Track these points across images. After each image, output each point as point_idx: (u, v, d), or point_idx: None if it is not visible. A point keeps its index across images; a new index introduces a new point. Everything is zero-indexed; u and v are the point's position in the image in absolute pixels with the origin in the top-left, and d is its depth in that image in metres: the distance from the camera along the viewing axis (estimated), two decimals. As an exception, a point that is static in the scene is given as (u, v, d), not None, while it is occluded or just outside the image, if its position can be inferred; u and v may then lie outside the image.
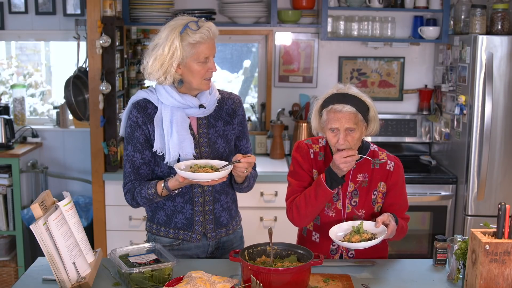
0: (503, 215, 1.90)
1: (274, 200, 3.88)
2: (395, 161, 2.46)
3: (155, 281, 2.10)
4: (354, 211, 2.42)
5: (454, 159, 4.03)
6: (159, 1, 4.13)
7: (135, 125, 2.33)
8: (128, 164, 2.37)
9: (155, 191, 2.29)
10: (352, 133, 2.32)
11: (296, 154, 2.51)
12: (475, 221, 3.81)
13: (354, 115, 2.31)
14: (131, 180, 2.38)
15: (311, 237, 2.49)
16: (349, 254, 2.46)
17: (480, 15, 3.86)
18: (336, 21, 4.29)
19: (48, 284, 2.17)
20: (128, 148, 2.36)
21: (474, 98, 3.73)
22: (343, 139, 2.31)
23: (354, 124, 2.31)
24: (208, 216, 2.41)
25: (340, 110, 2.30)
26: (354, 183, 2.42)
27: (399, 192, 2.46)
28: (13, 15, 4.34)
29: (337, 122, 2.31)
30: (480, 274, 1.89)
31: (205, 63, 2.27)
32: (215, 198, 2.41)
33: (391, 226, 2.28)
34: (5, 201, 4.09)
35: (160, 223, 2.43)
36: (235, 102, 2.45)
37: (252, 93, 4.80)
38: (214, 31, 2.28)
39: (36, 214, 2.01)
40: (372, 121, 2.38)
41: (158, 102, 2.32)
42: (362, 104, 2.34)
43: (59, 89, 4.50)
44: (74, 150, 4.47)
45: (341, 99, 2.32)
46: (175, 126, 2.29)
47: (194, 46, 2.23)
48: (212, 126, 2.39)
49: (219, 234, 2.45)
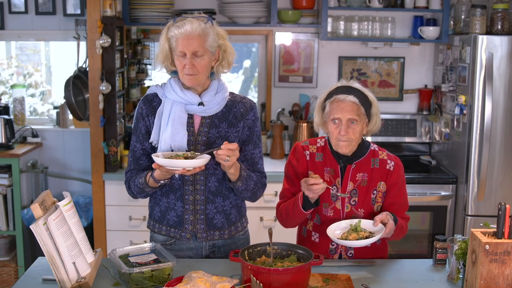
0: (503, 215, 1.90)
1: (274, 200, 3.88)
2: (395, 161, 2.46)
3: (155, 281, 2.10)
4: (354, 210, 2.42)
5: (454, 159, 4.03)
6: (159, 1, 4.13)
7: (140, 117, 2.40)
8: (131, 154, 2.44)
9: (144, 180, 2.32)
10: (354, 125, 2.32)
11: (291, 156, 2.52)
12: (475, 221, 3.81)
13: (357, 106, 2.32)
14: (130, 170, 2.43)
15: (311, 237, 2.49)
16: (348, 254, 2.46)
17: (480, 15, 3.87)
18: (336, 21, 4.29)
19: (48, 284, 2.17)
20: (133, 138, 2.43)
21: (474, 98, 3.73)
22: (344, 130, 2.31)
23: (356, 115, 2.32)
24: (199, 215, 2.38)
25: (343, 100, 2.32)
26: (353, 183, 2.42)
27: (399, 191, 2.45)
28: (13, 15, 4.34)
29: (340, 112, 2.31)
30: (480, 274, 1.89)
31: (182, 58, 2.26)
32: (208, 198, 2.38)
33: (389, 225, 2.27)
34: (5, 201, 4.09)
35: (155, 220, 2.46)
36: (246, 106, 2.40)
37: (252, 93, 4.80)
38: (192, 27, 2.23)
39: (36, 214, 2.01)
40: (374, 117, 2.39)
41: (163, 96, 2.36)
42: (365, 98, 2.35)
43: (59, 89, 4.50)
44: (74, 150, 4.47)
45: (345, 90, 2.34)
46: (171, 119, 2.31)
47: (174, 39, 2.27)
48: (215, 127, 2.36)
49: (211, 236, 2.40)
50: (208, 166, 2.33)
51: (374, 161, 2.43)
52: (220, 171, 2.36)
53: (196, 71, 2.27)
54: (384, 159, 2.44)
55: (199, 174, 2.35)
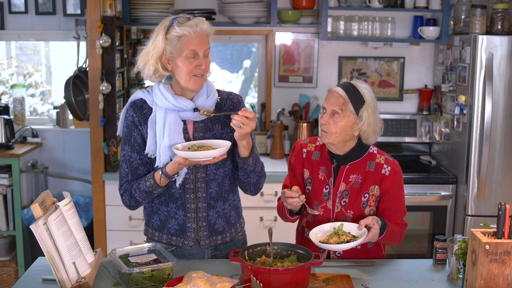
0: (503, 215, 1.90)
1: (274, 200, 3.88)
2: (392, 166, 2.41)
3: (155, 281, 2.10)
4: (343, 211, 2.41)
5: (454, 159, 4.03)
6: (159, 1, 4.13)
7: (132, 125, 2.31)
8: (126, 165, 2.33)
9: (154, 181, 2.23)
10: (336, 118, 2.33)
11: (291, 154, 2.56)
12: (475, 221, 3.81)
13: (342, 100, 2.33)
14: (128, 181, 2.32)
15: (304, 233, 2.50)
16: (336, 253, 2.44)
17: (480, 15, 3.86)
18: (336, 21, 4.29)
19: (48, 284, 2.17)
20: (126, 148, 2.33)
21: (474, 98, 3.73)
22: (325, 119, 2.35)
23: (339, 109, 2.32)
24: (201, 223, 2.35)
25: (332, 91, 2.36)
26: (346, 183, 2.41)
27: (394, 197, 2.41)
28: (13, 15, 4.34)
29: (326, 102, 2.37)
30: (480, 274, 1.89)
31: (192, 59, 2.19)
32: (210, 204, 2.34)
33: (373, 230, 2.24)
34: (5, 201, 4.09)
35: (154, 228, 2.40)
36: (234, 102, 2.35)
37: (252, 93, 4.80)
38: (204, 27, 2.19)
39: (36, 214, 2.01)
40: (366, 118, 2.33)
41: (153, 104, 2.28)
42: (358, 96, 2.33)
43: (59, 89, 4.50)
44: (74, 150, 4.47)
45: (341, 84, 2.38)
46: (167, 129, 2.23)
47: (179, 40, 2.18)
48: (209, 130, 2.32)
49: (214, 241, 2.38)
50: (208, 172, 2.31)
51: (370, 164, 2.41)
52: (220, 175, 2.33)
53: (205, 71, 2.24)
54: (381, 163, 2.41)
55: (200, 181, 2.31)
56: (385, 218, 2.36)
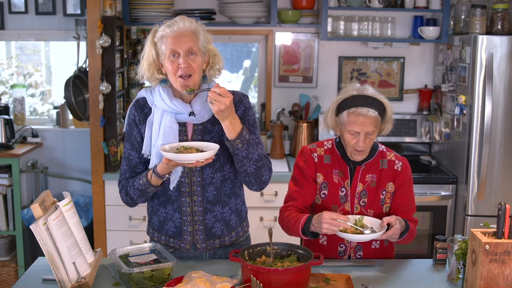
0: (503, 215, 1.90)
1: (274, 200, 3.88)
2: (403, 161, 2.47)
3: (155, 281, 2.10)
4: (363, 211, 2.42)
5: (454, 159, 4.03)
6: (159, 1, 4.13)
7: (133, 124, 2.32)
8: (125, 162, 2.34)
9: (146, 180, 2.23)
10: (371, 135, 2.34)
11: (298, 159, 2.50)
12: (475, 221, 3.81)
13: (375, 119, 2.33)
14: (126, 178, 2.34)
15: (319, 240, 2.48)
16: (357, 255, 2.45)
17: (480, 15, 3.86)
18: (336, 21, 4.29)
19: (48, 284, 2.17)
20: (126, 146, 2.34)
21: (474, 98, 3.73)
22: (363, 141, 2.32)
23: (374, 127, 2.34)
24: (198, 226, 2.33)
25: (364, 115, 2.30)
26: (362, 184, 2.42)
27: (406, 192, 2.45)
28: (13, 15, 4.34)
29: (359, 126, 2.31)
30: (480, 274, 1.89)
31: (174, 59, 2.15)
32: (207, 208, 2.31)
33: (393, 229, 2.26)
34: (5, 201, 4.09)
35: (154, 228, 2.41)
36: (234, 101, 2.25)
37: (252, 93, 4.80)
38: (185, 25, 2.15)
39: (36, 214, 2.01)
40: (387, 122, 2.40)
41: (153, 104, 2.28)
42: (382, 106, 2.36)
43: (59, 89, 4.50)
44: (74, 150, 4.47)
45: (365, 103, 2.32)
46: (162, 131, 2.22)
47: (162, 41, 2.16)
48: (208, 132, 2.29)
49: (211, 245, 2.36)
50: (204, 176, 2.29)
51: (382, 162, 2.44)
52: (218, 179, 2.31)
53: (192, 71, 2.16)
54: (392, 159, 2.45)
55: (195, 185, 2.29)
56: (398, 214, 2.38)
